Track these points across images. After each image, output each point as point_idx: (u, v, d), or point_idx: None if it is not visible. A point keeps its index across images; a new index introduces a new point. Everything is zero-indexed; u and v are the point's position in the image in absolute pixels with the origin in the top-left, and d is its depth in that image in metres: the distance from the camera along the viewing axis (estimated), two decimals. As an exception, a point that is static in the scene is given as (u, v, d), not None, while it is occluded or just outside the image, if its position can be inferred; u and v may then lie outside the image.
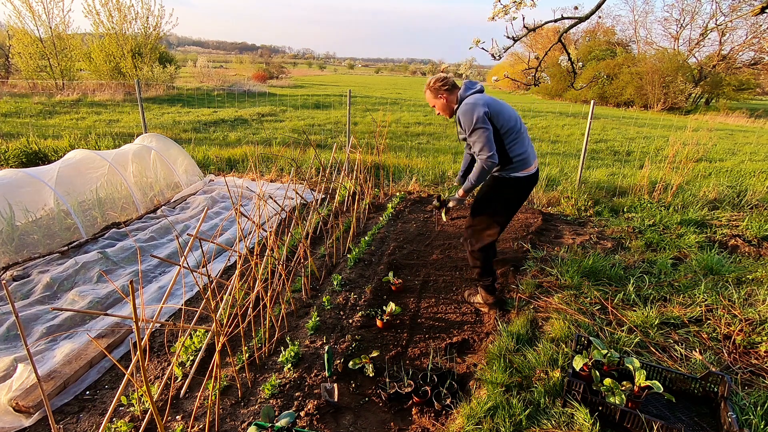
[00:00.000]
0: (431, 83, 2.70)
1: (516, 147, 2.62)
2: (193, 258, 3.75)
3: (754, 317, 2.71)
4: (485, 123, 2.48)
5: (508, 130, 2.59)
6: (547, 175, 6.13)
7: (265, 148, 8.05)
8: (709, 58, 24.02)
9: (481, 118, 2.47)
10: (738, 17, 13.11)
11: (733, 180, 6.54)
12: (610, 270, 3.38)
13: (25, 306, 2.94)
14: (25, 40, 16.32)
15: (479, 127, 2.47)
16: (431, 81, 2.70)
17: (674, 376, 2.08)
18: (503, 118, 2.58)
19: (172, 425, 2.01)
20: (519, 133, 2.64)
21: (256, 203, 2.66)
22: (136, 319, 1.23)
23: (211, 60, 45.29)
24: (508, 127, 2.59)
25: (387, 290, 3.23)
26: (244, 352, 2.36)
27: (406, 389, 2.16)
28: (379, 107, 15.51)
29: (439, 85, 2.67)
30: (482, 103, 2.52)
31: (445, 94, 2.69)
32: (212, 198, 5.26)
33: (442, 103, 2.71)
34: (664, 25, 38.69)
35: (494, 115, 2.55)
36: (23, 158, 6.60)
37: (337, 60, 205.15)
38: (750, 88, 24.02)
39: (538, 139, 10.44)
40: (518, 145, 2.63)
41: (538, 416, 1.95)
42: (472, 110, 2.49)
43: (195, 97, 16.02)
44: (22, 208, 3.85)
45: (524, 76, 3.41)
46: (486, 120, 2.49)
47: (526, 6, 2.47)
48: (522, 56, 31.94)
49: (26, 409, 2.06)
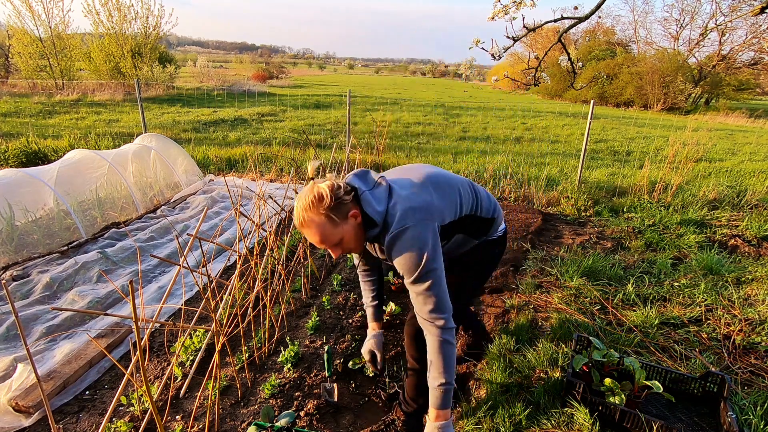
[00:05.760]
0: (309, 207, 1.43)
1: (484, 204, 1.76)
2: (193, 258, 3.75)
3: (753, 317, 2.71)
4: (438, 261, 1.47)
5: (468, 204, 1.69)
6: (547, 175, 6.13)
7: (265, 148, 8.04)
8: (709, 58, 24.02)
9: (432, 255, 1.45)
10: (738, 17, 13.11)
11: (733, 180, 6.54)
12: (610, 270, 3.38)
13: (25, 306, 2.94)
14: (25, 40, 16.32)
15: (430, 270, 1.45)
16: (307, 203, 1.44)
17: (674, 376, 2.08)
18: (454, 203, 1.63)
19: (172, 425, 2.01)
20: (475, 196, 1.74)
21: (256, 203, 2.66)
22: (135, 319, 1.23)
23: (210, 60, 45.25)
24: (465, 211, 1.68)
25: (387, 290, 3.23)
26: (243, 352, 2.36)
27: (405, 389, 2.16)
28: (379, 107, 15.51)
29: (330, 204, 1.43)
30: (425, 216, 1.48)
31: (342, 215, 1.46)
32: (212, 198, 5.26)
33: (346, 233, 1.49)
34: (664, 25, 38.71)
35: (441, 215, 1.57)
36: (23, 158, 6.59)
37: (337, 60, 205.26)
38: (750, 88, 24.02)
39: (538, 139, 10.45)
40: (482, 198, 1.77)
41: (537, 416, 1.95)
42: (416, 239, 1.44)
43: (195, 97, 16.02)
44: (22, 208, 3.85)
45: (524, 76, 3.41)
46: (439, 252, 1.49)
47: (526, 6, 2.46)
48: (522, 56, 31.95)
49: (26, 408, 2.06)
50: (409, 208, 1.47)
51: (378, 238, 1.55)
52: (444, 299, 1.49)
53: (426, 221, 1.47)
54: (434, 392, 1.53)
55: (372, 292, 2.04)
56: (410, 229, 1.44)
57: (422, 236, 1.45)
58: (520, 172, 6.39)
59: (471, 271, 1.88)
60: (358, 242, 1.54)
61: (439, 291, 1.48)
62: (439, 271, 1.47)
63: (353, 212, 1.47)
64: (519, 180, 5.98)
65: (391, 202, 1.50)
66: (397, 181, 1.58)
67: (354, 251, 1.60)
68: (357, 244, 1.55)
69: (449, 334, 1.50)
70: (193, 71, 27.92)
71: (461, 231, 1.71)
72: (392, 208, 1.48)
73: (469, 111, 16.21)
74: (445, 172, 1.72)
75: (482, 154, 8.09)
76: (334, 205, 1.43)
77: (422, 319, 1.52)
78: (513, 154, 8.23)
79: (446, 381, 1.50)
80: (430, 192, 1.56)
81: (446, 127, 11.94)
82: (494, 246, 1.88)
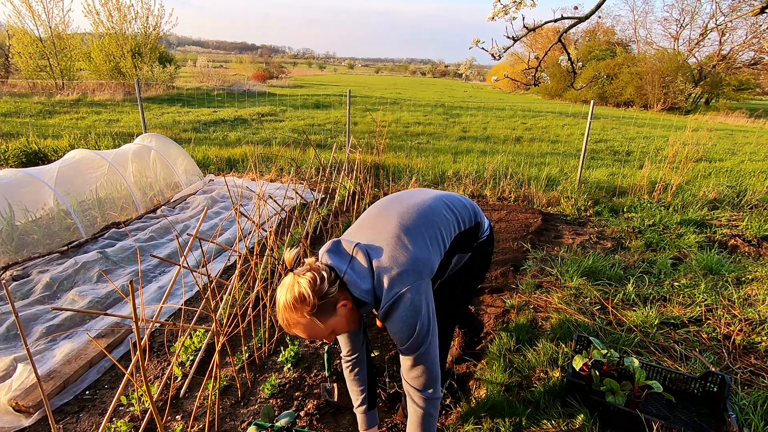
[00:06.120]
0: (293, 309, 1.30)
1: (464, 216, 1.70)
2: (193, 258, 3.75)
3: (753, 317, 2.71)
4: (432, 329, 1.42)
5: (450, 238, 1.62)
6: (547, 175, 6.13)
7: (265, 147, 8.04)
8: (709, 58, 24.02)
9: (426, 323, 1.39)
10: (738, 17, 13.10)
11: (733, 180, 6.54)
12: (610, 270, 3.38)
13: (25, 306, 2.94)
14: (25, 40, 16.31)
15: (423, 341, 1.40)
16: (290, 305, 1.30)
17: (674, 376, 2.08)
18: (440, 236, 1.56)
19: (172, 425, 2.01)
20: (454, 215, 1.66)
21: (256, 203, 2.66)
22: (135, 319, 1.23)
23: (210, 60, 45.27)
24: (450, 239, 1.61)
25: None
26: (243, 351, 2.36)
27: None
28: (379, 107, 15.51)
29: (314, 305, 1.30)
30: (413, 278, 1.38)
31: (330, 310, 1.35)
32: (212, 198, 5.26)
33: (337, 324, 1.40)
34: (664, 25, 38.73)
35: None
36: (23, 158, 6.59)
37: (337, 60, 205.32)
38: (750, 88, 24.02)
39: (538, 139, 10.45)
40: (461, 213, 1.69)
41: (537, 416, 1.95)
42: (410, 308, 1.36)
43: (195, 97, 16.02)
44: (22, 208, 3.85)
45: (524, 76, 3.41)
46: (433, 315, 1.44)
47: (526, 6, 2.46)
48: (522, 56, 31.96)
49: (26, 408, 2.06)
50: (395, 276, 1.37)
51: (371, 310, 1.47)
52: (434, 369, 1.44)
53: (416, 282, 1.38)
54: None
55: (361, 393, 1.71)
56: (402, 298, 1.36)
57: (415, 302, 1.37)
58: (520, 172, 6.39)
59: (468, 275, 1.85)
60: (353, 323, 1.46)
61: (431, 361, 1.43)
62: (432, 340, 1.42)
63: (342, 303, 1.37)
64: (519, 180, 5.98)
65: (375, 274, 1.40)
66: (371, 247, 1.45)
67: (350, 330, 1.49)
68: (352, 326, 1.46)
69: (433, 407, 1.46)
70: (193, 71, 27.92)
71: (454, 253, 1.67)
72: (377, 282, 1.39)
73: (469, 111, 16.21)
74: (416, 206, 1.57)
75: (482, 154, 8.09)
76: (320, 304, 1.31)
77: (408, 386, 1.47)
78: (513, 154, 8.23)
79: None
80: (407, 247, 1.43)
81: (446, 127, 11.94)
82: (486, 246, 1.84)
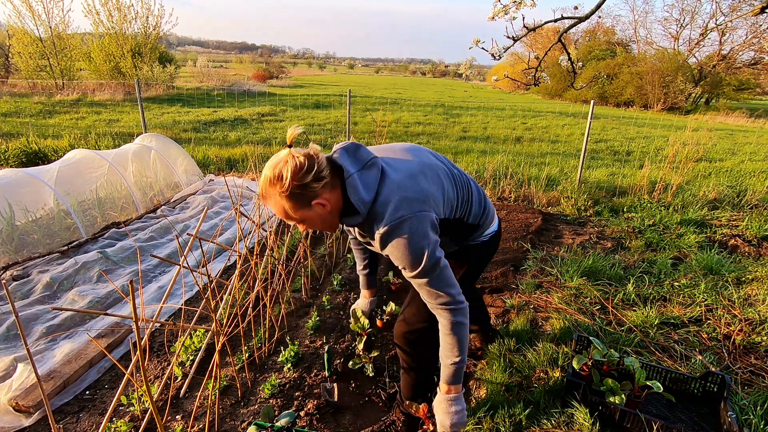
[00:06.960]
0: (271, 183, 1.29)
1: (474, 208, 1.64)
2: (193, 258, 3.75)
3: (753, 317, 2.71)
4: (439, 251, 1.39)
5: (459, 206, 1.57)
6: (547, 175, 6.13)
7: (265, 147, 8.04)
8: (709, 58, 24.03)
9: (433, 248, 1.35)
10: (738, 17, 13.10)
11: (733, 180, 6.54)
12: (610, 270, 3.38)
13: (25, 306, 2.94)
14: (25, 40, 16.31)
15: (433, 263, 1.36)
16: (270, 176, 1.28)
17: (674, 376, 2.08)
18: (448, 200, 1.51)
19: (172, 425, 2.01)
20: (468, 192, 1.62)
21: (256, 203, 2.66)
22: (135, 319, 1.23)
23: (211, 60, 45.27)
24: (457, 206, 1.56)
25: (387, 290, 3.23)
26: (244, 351, 2.36)
27: (405, 389, 2.15)
28: (379, 107, 15.50)
29: (288, 188, 1.27)
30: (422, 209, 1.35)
31: (304, 202, 1.31)
32: (212, 198, 5.26)
33: (308, 218, 1.35)
34: (664, 25, 38.73)
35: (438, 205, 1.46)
36: (23, 158, 6.59)
37: (337, 60, 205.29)
38: (750, 88, 24.03)
39: (538, 139, 10.45)
40: (473, 204, 1.64)
41: (537, 416, 1.95)
42: (415, 234, 1.32)
43: (195, 97, 16.02)
44: (22, 208, 3.85)
45: (524, 75, 3.41)
46: (438, 242, 1.40)
47: (526, 6, 2.46)
48: (522, 56, 31.95)
49: (26, 408, 2.06)
50: (404, 199, 1.33)
51: (362, 225, 1.42)
52: (450, 284, 1.42)
53: (423, 212, 1.34)
54: (446, 369, 1.52)
55: (363, 261, 2.04)
56: (407, 223, 1.31)
57: (421, 229, 1.32)
58: (520, 172, 6.39)
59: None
60: (326, 226, 1.42)
61: (444, 279, 1.40)
62: (441, 260, 1.39)
63: (320, 201, 1.31)
64: (519, 180, 5.98)
65: (382, 189, 1.33)
66: (391, 163, 1.42)
67: (323, 230, 1.48)
68: (324, 227, 1.42)
69: (460, 315, 1.44)
70: (193, 71, 27.92)
71: (446, 234, 1.58)
72: (384, 198, 1.32)
73: (469, 111, 16.20)
74: (441, 165, 1.58)
75: (482, 154, 8.09)
76: (296, 192, 1.27)
77: (431, 305, 1.47)
78: (513, 153, 8.23)
79: (459, 359, 1.49)
80: (425, 181, 1.42)
81: (446, 126, 11.94)
82: (482, 248, 1.78)
